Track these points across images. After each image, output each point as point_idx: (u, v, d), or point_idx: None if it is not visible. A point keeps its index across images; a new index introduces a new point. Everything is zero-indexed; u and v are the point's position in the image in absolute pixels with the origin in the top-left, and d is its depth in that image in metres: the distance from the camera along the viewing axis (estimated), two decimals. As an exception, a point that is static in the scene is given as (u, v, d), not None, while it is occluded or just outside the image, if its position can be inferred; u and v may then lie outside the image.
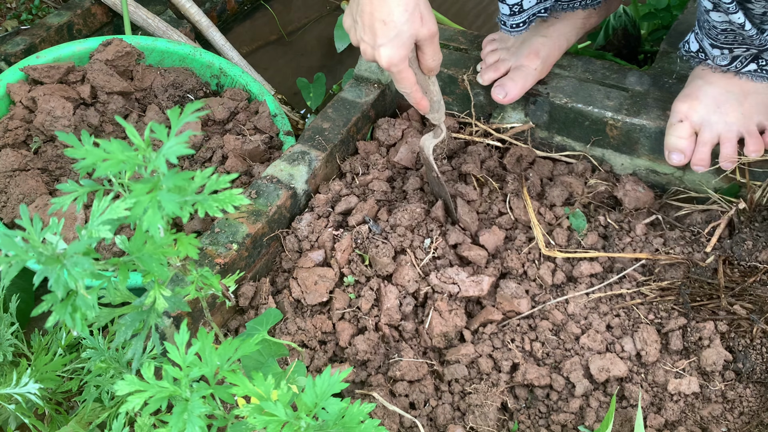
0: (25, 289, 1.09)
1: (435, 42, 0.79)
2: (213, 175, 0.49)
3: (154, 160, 0.45)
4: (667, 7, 1.34)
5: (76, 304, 0.45)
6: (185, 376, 0.52)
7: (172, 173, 0.45)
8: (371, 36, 0.75)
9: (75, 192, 0.51)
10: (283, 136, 1.27)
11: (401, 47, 0.75)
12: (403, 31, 0.74)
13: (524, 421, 0.85)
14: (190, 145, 0.83)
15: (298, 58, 1.74)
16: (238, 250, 0.91)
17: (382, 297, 0.92)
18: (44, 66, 1.21)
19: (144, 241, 0.49)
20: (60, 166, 1.17)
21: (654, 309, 0.93)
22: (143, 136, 0.47)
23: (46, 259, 0.43)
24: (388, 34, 0.74)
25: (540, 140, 1.13)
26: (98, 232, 0.47)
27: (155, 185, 0.45)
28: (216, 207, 0.49)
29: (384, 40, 0.74)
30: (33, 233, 0.44)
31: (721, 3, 0.77)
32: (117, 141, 0.46)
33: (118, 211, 0.46)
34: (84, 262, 0.43)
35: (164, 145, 0.45)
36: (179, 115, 0.46)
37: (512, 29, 1.02)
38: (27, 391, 0.70)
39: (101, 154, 0.45)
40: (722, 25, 0.81)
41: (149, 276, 0.52)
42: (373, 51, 0.76)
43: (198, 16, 1.60)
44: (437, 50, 0.80)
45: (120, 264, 0.49)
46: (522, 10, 0.98)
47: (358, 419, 0.50)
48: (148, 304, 0.54)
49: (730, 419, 0.83)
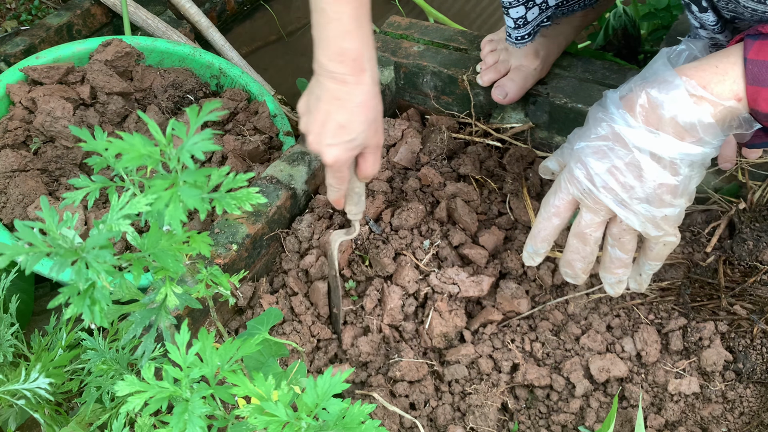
0: (25, 290, 1.09)
1: (378, 153, 0.80)
2: (230, 173, 0.50)
3: (176, 154, 0.45)
4: (667, 7, 1.35)
5: (95, 296, 0.45)
6: (186, 377, 0.52)
7: (192, 169, 0.45)
8: (321, 133, 0.75)
9: (87, 187, 0.50)
10: (283, 137, 1.26)
11: (348, 152, 0.76)
12: (357, 138, 0.75)
13: (524, 422, 0.85)
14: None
15: (298, 59, 1.74)
16: (238, 250, 0.91)
17: (385, 297, 0.92)
18: (44, 66, 1.21)
19: (159, 238, 0.49)
20: (60, 166, 1.16)
21: (654, 309, 0.93)
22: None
23: (65, 252, 0.42)
24: (340, 137, 0.74)
25: (540, 140, 1.13)
26: (118, 225, 0.46)
27: (175, 181, 0.45)
28: (234, 204, 0.49)
29: (335, 141, 0.75)
30: (52, 225, 0.44)
31: (707, 24, 0.77)
32: (139, 135, 0.45)
33: (139, 206, 0.46)
34: (105, 255, 0.43)
35: (188, 141, 0.45)
36: (198, 114, 0.46)
37: (518, 41, 1.02)
38: (37, 386, 0.70)
39: (123, 147, 0.45)
40: (711, 41, 0.81)
41: (161, 272, 0.52)
42: (319, 146, 0.76)
43: (198, 17, 1.60)
44: (378, 160, 0.81)
45: (134, 260, 0.49)
46: (527, 23, 0.99)
47: (358, 420, 0.50)
48: (159, 301, 0.54)
49: (730, 419, 0.83)
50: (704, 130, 0.64)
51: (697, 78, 0.65)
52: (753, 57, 0.62)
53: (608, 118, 0.69)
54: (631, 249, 0.73)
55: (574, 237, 0.75)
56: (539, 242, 0.78)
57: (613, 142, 0.68)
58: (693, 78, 0.65)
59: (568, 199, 0.73)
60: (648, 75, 0.70)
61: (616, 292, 0.78)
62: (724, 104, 0.64)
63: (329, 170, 0.79)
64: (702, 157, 0.66)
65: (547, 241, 0.78)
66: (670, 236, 0.71)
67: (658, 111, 0.66)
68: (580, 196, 0.71)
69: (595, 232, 0.73)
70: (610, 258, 0.75)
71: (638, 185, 0.67)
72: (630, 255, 0.74)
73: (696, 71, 0.66)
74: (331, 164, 0.77)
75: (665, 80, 0.66)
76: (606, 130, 0.69)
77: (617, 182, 0.68)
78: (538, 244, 0.78)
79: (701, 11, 0.76)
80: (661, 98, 0.65)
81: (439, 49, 1.19)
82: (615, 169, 0.68)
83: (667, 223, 0.69)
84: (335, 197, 0.84)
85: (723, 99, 0.64)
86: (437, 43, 1.21)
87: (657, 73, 0.69)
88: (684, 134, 0.65)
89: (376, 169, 0.82)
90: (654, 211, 0.68)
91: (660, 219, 0.69)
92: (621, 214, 0.69)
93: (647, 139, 0.66)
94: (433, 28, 1.25)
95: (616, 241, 0.73)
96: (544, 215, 0.76)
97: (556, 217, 0.75)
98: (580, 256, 0.76)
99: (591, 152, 0.69)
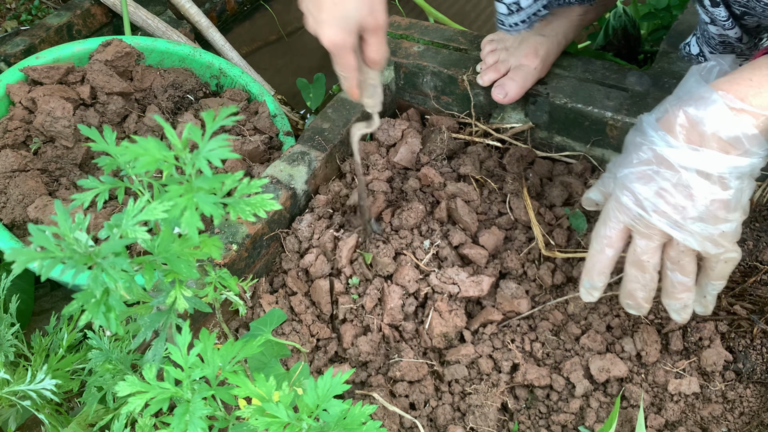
0: (25, 290, 1.09)
1: (380, 35, 0.77)
2: (244, 178, 0.49)
3: (192, 160, 0.44)
4: (667, 7, 1.35)
5: (110, 303, 0.44)
6: (187, 378, 0.52)
7: (206, 176, 0.44)
8: (317, 9, 0.74)
9: (96, 188, 0.50)
10: (283, 137, 1.27)
11: (343, 31, 0.73)
12: (349, 16, 0.72)
13: (524, 422, 0.85)
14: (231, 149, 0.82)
15: (297, 59, 1.74)
16: (238, 250, 0.91)
17: (385, 297, 0.92)
18: (44, 67, 1.21)
19: (172, 241, 0.49)
20: (60, 166, 1.16)
21: (654, 309, 0.93)
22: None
23: (80, 257, 0.42)
24: (333, 14, 0.72)
25: (540, 140, 1.13)
26: (134, 232, 0.46)
27: (190, 187, 0.44)
28: (248, 210, 0.49)
29: (327, 17, 0.73)
30: (67, 230, 0.43)
31: (717, 20, 0.77)
32: (153, 139, 0.45)
33: (155, 213, 0.46)
34: (122, 263, 0.42)
35: (203, 146, 0.45)
36: (214, 119, 0.46)
37: (511, 28, 1.02)
38: (43, 387, 0.70)
39: (138, 152, 0.44)
40: (720, 38, 0.81)
41: (171, 275, 0.51)
42: (315, 26, 0.75)
43: (198, 17, 1.60)
44: (382, 43, 0.78)
45: (145, 263, 0.49)
46: (520, 9, 0.98)
47: (359, 420, 0.51)
48: (168, 304, 0.54)
49: (730, 419, 0.83)
50: (749, 141, 0.64)
51: (733, 92, 0.64)
52: None
53: (648, 141, 0.68)
54: (692, 271, 0.72)
55: (631, 266, 0.73)
56: (596, 276, 0.77)
57: (657, 165, 0.67)
58: (730, 92, 0.64)
59: (620, 228, 0.72)
60: (682, 94, 0.69)
61: (683, 318, 0.76)
62: (765, 114, 0.63)
63: (333, 57, 0.77)
64: (751, 168, 0.65)
65: (604, 273, 0.76)
66: (730, 252, 0.69)
67: (699, 128, 0.65)
68: (631, 223, 0.70)
69: (652, 258, 0.71)
70: (671, 283, 0.73)
71: (690, 204, 0.66)
72: (692, 278, 0.72)
73: (731, 85, 0.65)
74: (329, 46, 0.74)
75: (701, 97, 0.65)
76: (648, 154, 0.68)
77: (668, 204, 0.67)
78: (595, 278, 0.77)
79: (713, 5, 0.76)
80: (701, 115, 0.65)
81: (439, 49, 1.19)
82: (663, 191, 0.67)
83: (725, 239, 0.68)
84: (347, 86, 0.81)
85: (763, 109, 0.63)
86: (437, 43, 1.21)
87: (691, 91, 0.68)
88: (729, 148, 0.64)
89: (382, 54, 0.79)
90: (710, 229, 0.67)
91: (718, 236, 0.67)
92: (677, 237, 0.68)
93: (691, 157, 0.65)
94: (433, 28, 1.25)
95: (676, 264, 0.71)
96: (596, 248, 0.75)
97: (609, 248, 0.74)
98: (640, 285, 0.74)
99: (636, 178, 0.69)
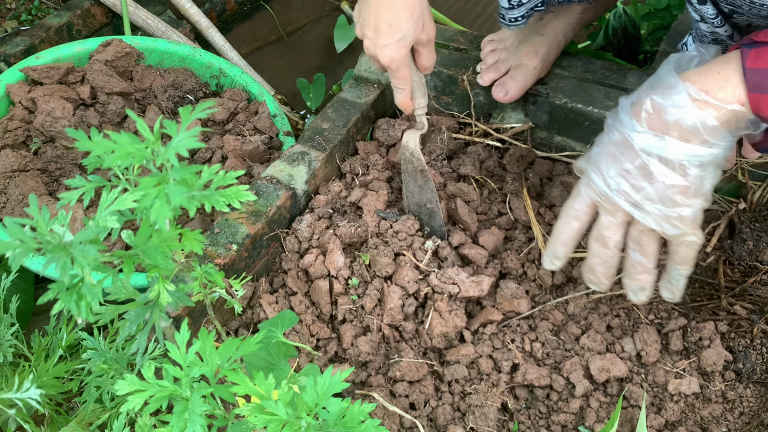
0: (25, 290, 1.09)
1: (431, 45, 0.88)
2: (220, 171, 0.50)
3: (164, 153, 0.45)
4: (667, 7, 1.35)
5: (82, 291, 0.45)
6: (186, 376, 0.52)
7: (179, 167, 0.45)
8: (375, 35, 0.82)
9: (83, 187, 0.51)
10: (283, 137, 1.26)
11: (402, 49, 0.83)
12: (406, 36, 0.82)
13: (524, 422, 0.85)
14: (200, 139, 0.81)
15: (297, 59, 1.74)
16: (238, 250, 0.91)
17: (385, 297, 0.92)
18: (44, 67, 1.21)
19: (149, 235, 0.50)
20: (60, 166, 1.16)
21: (654, 309, 0.93)
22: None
23: (53, 248, 0.43)
24: (393, 37, 0.81)
25: (540, 140, 1.13)
26: (105, 221, 0.47)
27: (163, 178, 0.45)
28: (223, 202, 0.49)
29: (388, 41, 0.82)
30: (41, 222, 0.44)
31: (706, 17, 0.78)
32: (126, 133, 0.46)
33: (126, 203, 0.48)
34: (90, 250, 0.43)
35: (174, 138, 0.46)
36: (191, 112, 0.47)
37: (511, 23, 1.02)
38: (28, 396, 0.70)
39: (110, 146, 0.45)
40: (711, 35, 0.82)
41: (154, 270, 0.52)
42: (375, 49, 0.83)
43: (197, 17, 1.60)
44: (433, 52, 0.89)
45: (125, 257, 0.49)
46: (521, 4, 0.98)
47: (358, 419, 0.50)
48: (152, 298, 0.54)
49: (730, 419, 0.83)
50: (708, 132, 0.66)
51: (699, 83, 0.66)
52: (751, 66, 0.64)
53: (618, 124, 0.71)
54: (652, 252, 0.73)
55: (594, 240, 0.76)
56: (559, 245, 0.79)
57: (624, 147, 0.70)
58: (695, 83, 0.66)
59: (587, 203, 0.75)
60: (654, 81, 0.72)
61: (640, 300, 0.78)
62: (727, 108, 0.65)
63: (390, 72, 0.87)
64: (712, 158, 0.67)
65: (567, 244, 0.79)
66: (690, 236, 0.71)
67: (662, 116, 0.67)
68: (597, 200, 0.73)
69: (614, 235, 0.74)
70: (631, 263, 0.76)
71: (649, 186, 0.68)
72: (651, 259, 0.74)
73: (699, 77, 0.67)
74: (388, 64, 0.84)
75: (669, 86, 0.68)
76: (616, 135, 0.71)
77: (629, 184, 0.69)
78: (558, 248, 0.80)
79: (700, 3, 0.77)
80: (665, 103, 0.67)
81: (439, 49, 1.19)
82: (626, 172, 0.69)
83: (683, 222, 0.70)
84: (401, 99, 0.91)
85: (726, 103, 0.65)
86: (437, 43, 1.21)
87: (661, 79, 0.70)
88: (689, 137, 0.66)
89: (433, 61, 0.90)
90: (668, 212, 0.69)
91: (675, 219, 0.69)
92: (636, 215, 0.70)
93: (653, 142, 0.67)
94: (433, 28, 1.25)
95: (636, 243, 0.74)
96: (563, 219, 0.78)
97: (575, 220, 0.76)
98: (600, 260, 0.77)
99: (605, 157, 0.72)
